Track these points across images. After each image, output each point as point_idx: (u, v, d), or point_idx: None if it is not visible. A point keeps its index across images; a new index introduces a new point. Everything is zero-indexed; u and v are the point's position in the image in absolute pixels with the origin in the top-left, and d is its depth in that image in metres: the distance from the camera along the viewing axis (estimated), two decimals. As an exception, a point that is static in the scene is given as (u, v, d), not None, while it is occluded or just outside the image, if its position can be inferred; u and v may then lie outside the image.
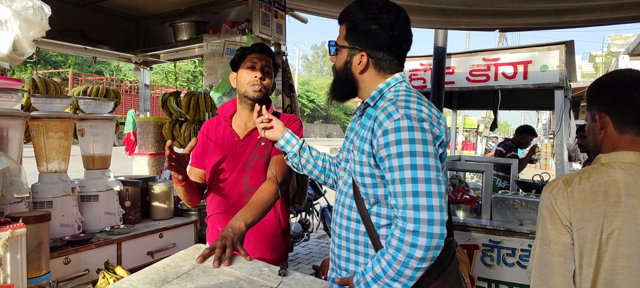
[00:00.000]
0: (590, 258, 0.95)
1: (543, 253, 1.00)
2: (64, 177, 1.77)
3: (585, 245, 0.96)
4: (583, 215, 0.97)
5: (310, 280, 1.00)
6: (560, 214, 0.99)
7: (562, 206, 0.99)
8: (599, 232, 0.95)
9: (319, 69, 55.14)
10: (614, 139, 1.02)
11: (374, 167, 1.04)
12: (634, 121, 0.99)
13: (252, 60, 1.52)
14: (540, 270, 1.01)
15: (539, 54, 2.48)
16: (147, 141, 2.88)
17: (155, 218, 2.20)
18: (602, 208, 0.95)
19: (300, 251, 4.79)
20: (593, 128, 1.07)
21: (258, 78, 1.50)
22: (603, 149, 1.05)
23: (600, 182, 0.98)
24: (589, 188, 0.98)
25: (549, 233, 1.00)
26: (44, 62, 18.76)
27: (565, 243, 0.98)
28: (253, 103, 1.52)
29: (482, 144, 15.20)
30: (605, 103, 1.03)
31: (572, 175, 1.04)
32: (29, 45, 1.12)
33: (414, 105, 1.01)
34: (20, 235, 1.20)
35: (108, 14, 2.74)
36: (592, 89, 1.09)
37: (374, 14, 1.06)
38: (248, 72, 1.52)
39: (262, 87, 1.51)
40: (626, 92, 1.01)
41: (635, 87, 1.00)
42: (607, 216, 0.94)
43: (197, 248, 1.16)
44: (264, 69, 1.53)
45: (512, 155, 4.25)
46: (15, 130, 1.45)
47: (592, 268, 0.95)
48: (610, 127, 1.02)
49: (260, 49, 1.56)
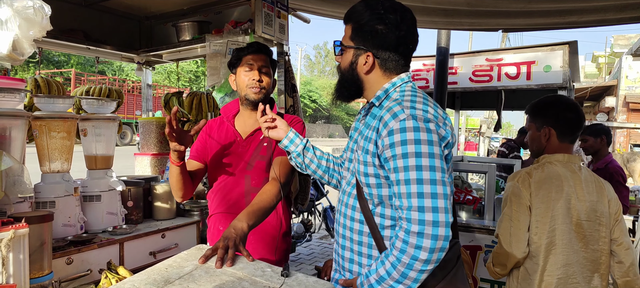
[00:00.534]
0: (542, 229, 1.40)
1: (509, 226, 1.43)
2: (66, 177, 1.77)
3: (539, 220, 1.40)
4: (539, 198, 1.40)
5: (312, 281, 1.00)
6: (524, 198, 1.41)
7: (526, 192, 1.42)
8: (550, 210, 1.39)
9: (321, 69, 55.17)
10: (556, 145, 1.48)
11: (378, 168, 1.03)
12: (570, 134, 1.47)
13: (248, 62, 1.51)
14: (506, 238, 1.43)
15: (542, 55, 2.47)
16: (150, 141, 2.88)
17: (157, 219, 2.20)
18: (551, 194, 1.39)
19: (302, 251, 4.79)
20: (538, 136, 1.50)
21: (256, 80, 1.49)
22: (546, 152, 1.49)
23: (550, 174, 1.42)
24: (543, 179, 1.41)
25: (514, 213, 1.43)
26: (46, 62, 18.84)
27: (525, 220, 1.41)
28: (254, 104, 1.52)
29: (485, 145, 15.16)
30: (552, 119, 1.47)
31: (530, 168, 1.47)
32: (30, 44, 1.12)
33: (420, 106, 1.00)
34: (23, 235, 1.20)
35: (111, 14, 2.74)
36: (539, 107, 1.51)
37: (380, 14, 1.05)
38: (246, 74, 1.51)
39: (261, 88, 1.50)
40: (565, 112, 1.46)
41: (569, 109, 1.46)
42: (553, 199, 1.39)
43: (200, 249, 1.16)
44: (261, 69, 1.51)
45: (515, 156, 4.23)
46: (18, 130, 1.45)
47: (543, 237, 1.39)
48: (554, 138, 1.47)
49: (255, 49, 1.54)
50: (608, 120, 13.70)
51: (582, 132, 3.03)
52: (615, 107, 14.14)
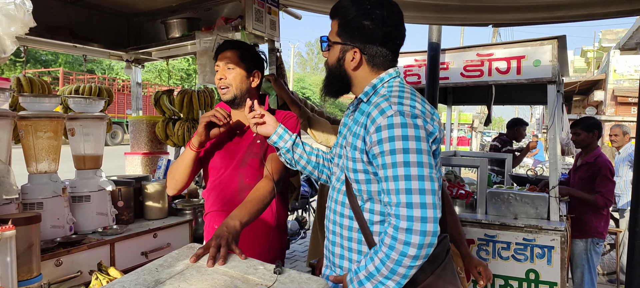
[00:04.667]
0: None
1: None
2: (54, 178, 1.74)
3: None
4: None
5: (306, 278, 0.99)
6: None
7: None
8: None
9: (314, 65, 55.01)
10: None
11: (366, 164, 1.03)
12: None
13: (217, 66, 1.50)
14: None
15: (531, 49, 2.49)
16: (140, 140, 2.84)
17: (149, 218, 2.17)
18: None
19: (297, 248, 4.79)
20: None
21: (219, 79, 1.48)
22: None
23: None
24: None
25: None
26: (33, 61, 18.48)
27: None
28: (231, 104, 1.51)
29: (477, 140, 15.29)
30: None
31: None
32: (12, 42, 1.09)
33: (407, 102, 1.00)
34: (10, 237, 1.18)
35: (98, 11, 2.69)
36: None
37: (367, 9, 1.04)
38: (217, 78, 1.50)
39: (226, 85, 1.47)
40: None
41: None
42: None
43: (191, 248, 1.15)
44: (226, 66, 1.48)
45: (508, 150, 4.27)
46: (4, 130, 1.42)
47: None
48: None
49: (221, 49, 1.51)
50: (597, 113, 13.92)
51: (574, 126, 3.07)
52: (603, 101, 14.36)
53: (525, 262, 2.25)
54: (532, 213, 2.35)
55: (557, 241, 2.19)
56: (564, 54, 2.61)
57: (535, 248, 2.23)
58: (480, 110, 15.79)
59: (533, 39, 2.50)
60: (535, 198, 2.35)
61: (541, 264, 2.22)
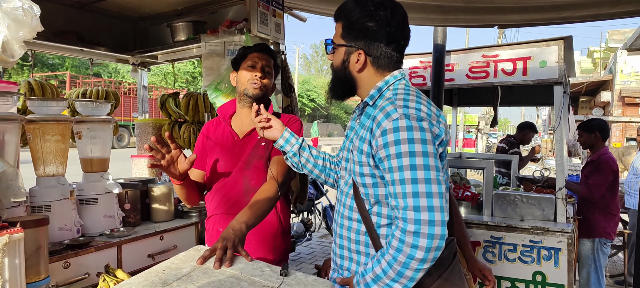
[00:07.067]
0: None
1: None
2: (61, 181, 1.76)
3: None
4: None
5: (312, 280, 0.99)
6: None
7: None
8: None
9: (319, 67, 55.06)
10: None
11: (373, 168, 1.02)
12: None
13: (253, 60, 1.53)
14: None
15: (537, 50, 2.47)
16: (147, 143, 2.85)
17: (155, 221, 2.18)
18: None
19: (302, 251, 4.79)
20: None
21: (258, 77, 1.51)
22: None
23: None
24: None
25: None
26: (40, 64, 18.71)
27: None
28: (252, 101, 1.51)
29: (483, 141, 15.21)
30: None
31: None
32: (20, 46, 1.10)
33: (413, 104, 0.99)
34: (18, 239, 1.19)
35: (104, 15, 2.72)
36: None
37: (371, 11, 1.04)
38: (248, 70, 1.53)
39: (262, 86, 1.52)
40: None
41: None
42: None
43: (198, 250, 1.15)
44: (264, 68, 1.54)
45: (515, 152, 4.24)
46: (12, 133, 1.44)
47: None
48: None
49: (262, 48, 1.58)
50: (604, 114, 13.79)
51: (578, 128, 3.08)
52: (610, 102, 14.22)
53: (531, 264, 2.23)
54: (539, 215, 2.33)
55: (564, 243, 2.17)
56: (570, 54, 2.59)
57: (542, 250, 2.21)
58: (485, 112, 15.71)
59: (539, 40, 2.48)
60: (542, 200, 2.33)
61: (548, 266, 2.20)
